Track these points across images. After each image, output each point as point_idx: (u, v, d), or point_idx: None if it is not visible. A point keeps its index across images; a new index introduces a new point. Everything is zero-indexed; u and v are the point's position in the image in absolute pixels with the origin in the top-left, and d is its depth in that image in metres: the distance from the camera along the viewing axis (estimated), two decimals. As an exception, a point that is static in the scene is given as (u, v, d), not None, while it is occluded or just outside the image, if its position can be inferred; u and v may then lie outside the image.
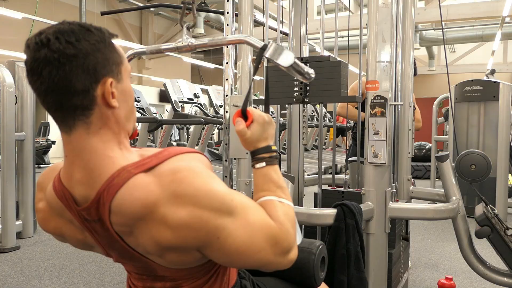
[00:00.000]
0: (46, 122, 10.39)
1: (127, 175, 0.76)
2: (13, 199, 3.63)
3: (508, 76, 16.15)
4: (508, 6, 8.17)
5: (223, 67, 2.11)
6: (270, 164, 0.95)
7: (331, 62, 1.89)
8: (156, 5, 3.31)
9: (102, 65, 0.77)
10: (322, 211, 1.78)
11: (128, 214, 0.76)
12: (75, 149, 0.79)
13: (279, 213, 0.85)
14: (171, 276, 0.88)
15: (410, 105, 2.49)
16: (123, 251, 0.84)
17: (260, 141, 0.96)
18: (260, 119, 0.97)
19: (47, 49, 0.72)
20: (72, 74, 0.73)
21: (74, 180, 0.80)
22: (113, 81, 0.79)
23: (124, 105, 0.83)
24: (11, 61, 3.84)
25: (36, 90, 0.76)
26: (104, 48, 0.78)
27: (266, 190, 0.91)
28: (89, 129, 0.78)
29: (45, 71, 0.73)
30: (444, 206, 1.95)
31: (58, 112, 0.77)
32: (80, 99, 0.75)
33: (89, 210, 0.79)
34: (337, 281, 1.66)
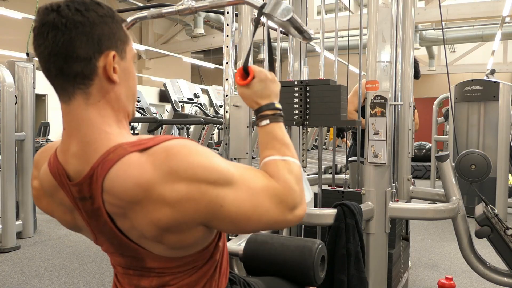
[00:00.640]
0: (46, 122, 10.40)
1: (122, 152, 0.75)
2: (13, 199, 3.63)
3: (508, 76, 16.16)
4: (508, 6, 8.17)
5: (223, 67, 2.11)
6: (274, 122, 0.93)
7: (331, 86, 1.90)
8: (156, 5, 3.31)
9: (107, 37, 0.78)
10: (322, 211, 1.78)
11: (121, 193, 0.74)
12: (73, 120, 0.79)
13: (282, 172, 0.84)
14: (158, 269, 0.85)
15: (410, 105, 2.49)
16: (111, 235, 0.82)
17: (263, 98, 0.95)
18: (261, 75, 0.95)
19: (56, 13, 0.74)
20: (77, 40, 0.74)
21: (69, 154, 0.79)
22: (116, 56, 0.79)
23: (125, 84, 0.83)
24: (11, 61, 3.83)
25: (39, 54, 0.77)
26: (111, 23, 0.79)
27: (271, 148, 0.90)
28: (88, 100, 0.78)
29: (50, 35, 0.74)
30: (444, 206, 1.95)
31: (58, 79, 0.77)
32: (82, 66, 0.76)
33: (81, 185, 0.77)
34: (337, 281, 1.66)
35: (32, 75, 3.89)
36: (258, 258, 1.26)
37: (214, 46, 14.36)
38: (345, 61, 6.11)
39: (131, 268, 0.88)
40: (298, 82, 1.92)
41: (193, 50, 15.90)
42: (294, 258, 1.21)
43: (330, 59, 4.80)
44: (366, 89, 1.91)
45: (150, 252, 0.82)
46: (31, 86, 3.88)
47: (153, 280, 0.87)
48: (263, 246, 1.27)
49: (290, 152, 0.90)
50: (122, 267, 0.91)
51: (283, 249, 1.23)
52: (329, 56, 9.48)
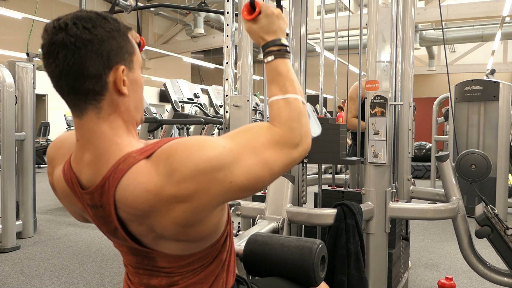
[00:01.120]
0: (46, 122, 10.40)
1: (132, 161, 0.78)
2: (13, 199, 3.63)
3: (508, 76, 16.15)
4: (508, 6, 8.17)
5: (223, 67, 2.11)
6: (279, 57, 0.93)
7: (330, 125, 1.93)
8: (156, 5, 3.31)
9: (116, 52, 0.80)
10: (322, 211, 1.78)
11: (133, 202, 0.77)
12: (85, 133, 0.81)
13: (283, 114, 0.86)
14: (168, 268, 0.88)
15: (410, 105, 2.49)
16: (122, 240, 0.86)
17: (269, 33, 0.94)
18: (268, 11, 0.94)
19: (65, 33, 0.75)
20: (87, 58, 0.76)
21: (83, 163, 0.82)
22: (125, 69, 0.81)
23: (134, 95, 0.85)
24: (11, 61, 3.84)
25: (50, 73, 0.79)
26: (118, 37, 0.81)
27: (275, 85, 0.91)
28: (100, 114, 0.80)
29: (61, 54, 0.76)
30: (444, 206, 1.95)
31: (70, 96, 0.80)
32: (93, 83, 0.78)
33: (93, 194, 0.81)
34: (337, 281, 1.66)
35: (32, 75, 3.89)
36: (258, 259, 1.26)
37: (214, 46, 14.36)
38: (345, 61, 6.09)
39: (141, 267, 0.91)
40: None
41: (193, 50, 15.91)
42: (294, 259, 1.21)
43: (330, 59, 4.78)
44: (366, 89, 1.91)
45: (161, 252, 0.85)
46: (31, 86, 3.88)
47: (162, 280, 0.90)
48: (263, 247, 1.27)
49: (293, 87, 0.91)
50: (133, 266, 0.93)
51: (283, 249, 1.23)
52: (329, 56, 9.49)
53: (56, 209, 5.18)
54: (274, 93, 0.90)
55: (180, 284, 0.89)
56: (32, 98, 3.90)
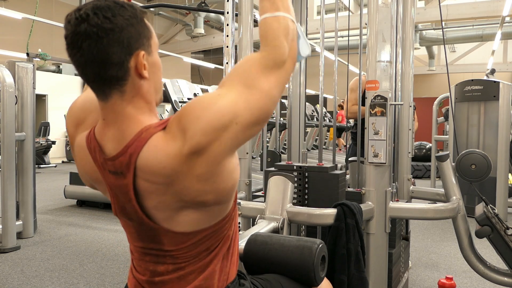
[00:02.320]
0: (46, 122, 10.40)
1: (152, 131, 0.84)
2: (13, 199, 3.63)
3: (508, 76, 16.15)
4: (508, 6, 8.17)
5: (223, 67, 2.11)
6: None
7: (329, 175, 1.95)
8: (156, 5, 3.31)
9: (135, 38, 0.85)
10: (322, 211, 1.78)
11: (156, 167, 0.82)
12: (110, 113, 0.87)
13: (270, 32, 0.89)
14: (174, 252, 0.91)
15: (410, 105, 2.49)
16: (133, 213, 0.90)
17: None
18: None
19: (87, 23, 0.80)
20: (109, 47, 0.81)
21: (106, 138, 0.88)
22: (145, 53, 0.86)
23: (154, 77, 0.90)
24: (11, 61, 3.84)
25: (75, 62, 0.84)
26: (136, 23, 0.85)
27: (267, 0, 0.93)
28: (123, 97, 0.86)
29: (85, 44, 0.80)
30: (444, 205, 1.95)
31: (96, 83, 0.85)
32: (116, 70, 0.83)
33: (114, 160, 0.86)
34: (338, 281, 1.66)
35: (32, 75, 3.89)
36: (258, 258, 1.26)
37: (214, 46, 14.36)
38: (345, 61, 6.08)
39: (148, 253, 0.95)
40: (297, 167, 2.02)
41: (193, 50, 15.90)
42: (294, 259, 1.20)
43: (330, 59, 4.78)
44: (366, 89, 1.91)
45: (170, 231, 0.89)
46: (31, 86, 3.88)
47: (169, 266, 0.93)
48: (263, 247, 1.27)
49: (284, 5, 0.93)
50: (139, 252, 0.97)
51: (283, 249, 1.23)
52: (329, 56, 9.48)
53: (56, 209, 5.18)
54: (264, 10, 0.93)
55: (185, 270, 0.92)
56: (32, 98, 3.90)
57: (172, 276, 0.93)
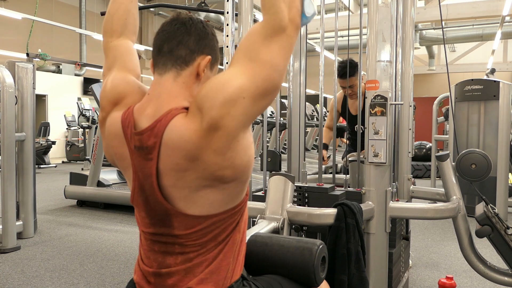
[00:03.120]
0: (46, 122, 10.40)
1: (180, 111, 0.92)
2: (13, 199, 3.63)
3: (508, 75, 16.15)
4: (508, 6, 8.16)
5: (223, 67, 2.11)
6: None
7: (329, 195, 1.97)
8: (156, 5, 3.31)
9: (211, 48, 1.01)
10: (322, 211, 1.78)
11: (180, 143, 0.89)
12: (158, 88, 0.97)
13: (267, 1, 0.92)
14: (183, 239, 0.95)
15: (410, 105, 2.49)
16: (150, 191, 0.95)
17: None
18: None
19: (189, 18, 1.00)
20: (192, 35, 0.98)
21: (144, 114, 0.96)
22: (210, 62, 1.00)
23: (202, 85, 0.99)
24: (11, 61, 3.84)
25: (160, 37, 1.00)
26: (216, 43, 1.04)
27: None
28: (177, 78, 0.97)
29: (177, 26, 0.99)
30: (444, 205, 1.95)
31: (165, 56, 0.98)
32: (186, 53, 0.97)
33: (142, 135, 0.93)
34: (338, 280, 1.66)
35: (32, 76, 3.89)
36: (258, 259, 1.26)
37: (214, 46, 14.33)
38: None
39: (157, 241, 0.98)
40: (297, 187, 2.04)
41: (193, 50, 15.88)
42: (294, 260, 1.20)
43: (330, 59, 4.78)
44: (367, 89, 1.91)
45: (181, 213, 0.94)
46: (31, 86, 3.88)
47: (177, 257, 0.96)
48: (263, 248, 1.26)
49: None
50: (148, 239, 1.00)
51: (283, 250, 1.23)
52: (329, 56, 9.48)
53: (56, 210, 5.18)
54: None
55: (193, 261, 0.95)
56: (32, 99, 3.90)
57: (180, 268, 0.95)
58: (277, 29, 0.90)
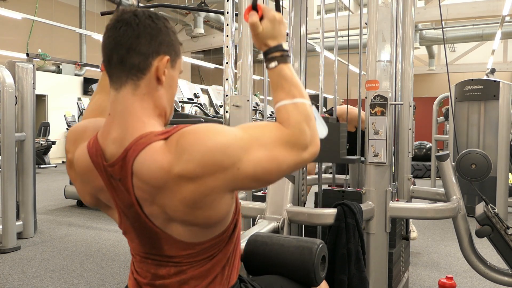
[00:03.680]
0: (46, 122, 10.40)
1: (152, 139, 0.84)
2: (13, 199, 3.63)
3: (508, 75, 16.15)
4: (508, 5, 8.16)
5: (223, 67, 2.11)
6: (283, 63, 0.95)
7: (331, 124, 1.92)
8: (156, 5, 3.31)
9: (167, 44, 0.90)
10: (322, 211, 1.78)
11: (147, 177, 0.82)
12: (118, 106, 0.88)
13: (292, 117, 0.89)
14: (176, 258, 0.91)
15: (410, 105, 2.49)
16: (136, 219, 0.89)
17: (271, 38, 0.96)
18: (270, 15, 0.96)
19: (132, 14, 0.87)
20: (142, 37, 0.86)
21: (109, 138, 0.88)
22: (169, 62, 0.90)
23: (168, 89, 0.93)
24: (11, 61, 3.83)
25: (107, 44, 0.88)
26: (173, 36, 0.92)
27: (281, 90, 0.93)
28: (136, 91, 0.88)
29: (122, 29, 0.86)
30: (444, 205, 1.95)
31: (117, 67, 0.88)
32: (139, 60, 0.86)
33: (114, 166, 0.86)
34: (338, 280, 1.66)
35: (32, 76, 3.89)
36: (258, 259, 1.26)
37: (214, 46, 14.35)
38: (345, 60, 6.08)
39: (149, 257, 0.94)
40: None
41: (193, 50, 15.90)
42: (294, 259, 1.20)
43: (330, 59, 4.77)
44: (367, 89, 1.91)
45: (171, 237, 0.88)
46: (31, 86, 3.88)
47: (171, 269, 0.92)
48: (263, 247, 1.27)
49: (299, 92, 0.93)
50: (141, 256, 0.96)
51: (283, 250, 1.23)
52: (329, 56, 9.48)
53: (56, 210, 5.18)
54: (280, 98, 0.92)
55: (187, 274, 0.92)
56: (32, 99, 3.90)
57: (173, 280, 0.92)
58: (300, 145, 0.87)
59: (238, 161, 0.80)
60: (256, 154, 0.82)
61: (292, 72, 0.95)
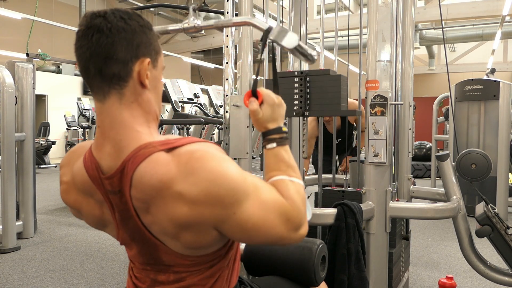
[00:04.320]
0: (46, 122, 10.40)
1: (152, 150, 0.81)
2: (13, 199, 3.63)
3: (508, 75, 16.15)
4: (508, 5, 8.16)
5: (223, 67, 2.11)
6: (281, 145, 0.97)
7: (331, 76, 1.89)
8: (156, 5, 3.31)
9: (145, 45, 0.85)
10: (322, 211, 1.78)
11: (146, 188, 0.79)
12: (106, 118, 0.84)
13: (291, 191, 0.89)
14: (175, 267, 0.90)
15: (410, 105, 2.49)
16: (135, 230, 0.87)
17: (271, 122, 0.98)
18: (270, 100, 0.98)
19: (103, 18, 0.81)
20: (118, 43, 0.81)
21: (103, 152, 0.85)
22: (150, 63, 0.86)
23: (154, 91, 0.89)
24: (11, 61, 3.84)
25: (81, 55, 0.82)
26: (149, 34, 0.87)
27: (277, 170, 0.94)
28: (122, 100, 0.83)
29: (95, 37, 0.80)
30: (444, 205, 1.95)
31: (96, 79, 0.82)
32: (119, 68, 0.82)
33: (112, 179, 0.83)
34: (338, 280, 1.66)
35: (32, 76, 3.89)
36: (258, 259, 1.26)
37: (214, 46, 14.34)
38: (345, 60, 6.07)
39: (149, 264, 0.93)
40: (298, 72, 1.94)
41: (193, 50, 15.90)
42: (294, 259, 1.21)
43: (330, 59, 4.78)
44: (367, 89, 1.91)
45: (168, 248, 0.87)
46: (31, 86, 3.88)
47: (170, 276, 0.91)
48: (263, 247, 1.27)
49: (296, 174, 0.94)
50: (140, 263, 0.95)
51: (283, 250, 1.23)
52: (329, 56, 9.48)
53: (56, 210, 5.18)
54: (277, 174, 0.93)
55: (187, 280, 0.91)
56: (32, 99, 3.90)
57: (173, 287, 0.91)
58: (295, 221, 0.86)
59: (237, 205, 0.79)
60: (254, 206, 0.81)
61: (289, 154, 0.97)
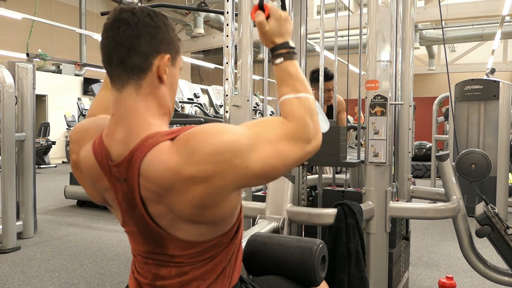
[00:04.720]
0: (46, 122, 10.40)
1: (159, 139, 0.83)
2: (13, 199, 3.63)
3: (508, 75, 16.14)
4: (508, 5, 8.16)
5: (223, 67, 2.11)
6: (289, 59, 0.98)
7: (331, 128, 1.90)
8: (156, 5, 3.31)
9: (167, 42, 0.89)
10: (322, 211, 1.78)
11: (155, 178, 0.81)
12: (121, 107, 0.87)
13: (296, 110, 0.91)
14: (178, 258, 0.90)
15: (410, 105, 2.49)
16: (139, 219, 0.89)
17: (277, 36, 0.99)
18: (276, 14, 0.99)
19: (131, 13, 0.86)
20: (142, 37, 0.85)
21: (114, 138, 0.88)
22: (170, 60, 0.90)
23: (170, 87, 0.93)
24: (11, 61, 3.84)
25: (106, 44, 0.86)
26: (172, 33, 0.92)
27: (286, 85, 0.96)
28: (139, 91, 0.87)
29: (121, 28, 0.85)
30: (444, 205, 1.95)
31: (117, 68, 0.87)
32: (140, 60, 0.86)
33: (120, 166, 0.86)
34: (338, 280, 1.66)
35: (32, 76, 3.89)
36: (258, 259, 1.26)
37: (214, 46, 14.35)
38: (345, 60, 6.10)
39: (151, 257, 0.94)
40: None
41: (193, 50, 15.91)
42: (294, 259, 1.21)
43: (330, 59, 4.77)
44: (367, 89, 1.91)
45: (174, 237, 0.88)
46: (31, 86, 3.88)
47: (172, 270, 0.92)
48: (263, 247, 1.27)
49: (303, 87, 0.96)
50: (142, 256, 0.96)
51: (283, 250, 1.23)
52: (329, 56, 9.48)
53: (57, 210, 5.18)
54: (285, 92, 0.95)
55: (188, 274, 0.92)
56: (32, 99, 3.90)
57: (174, 281, 0.92)
58: (305, 138, 0.89)
59: (247, 160, 0.81)
60: (263, 151, 0.83)
61: (297, 68, 0.98)
